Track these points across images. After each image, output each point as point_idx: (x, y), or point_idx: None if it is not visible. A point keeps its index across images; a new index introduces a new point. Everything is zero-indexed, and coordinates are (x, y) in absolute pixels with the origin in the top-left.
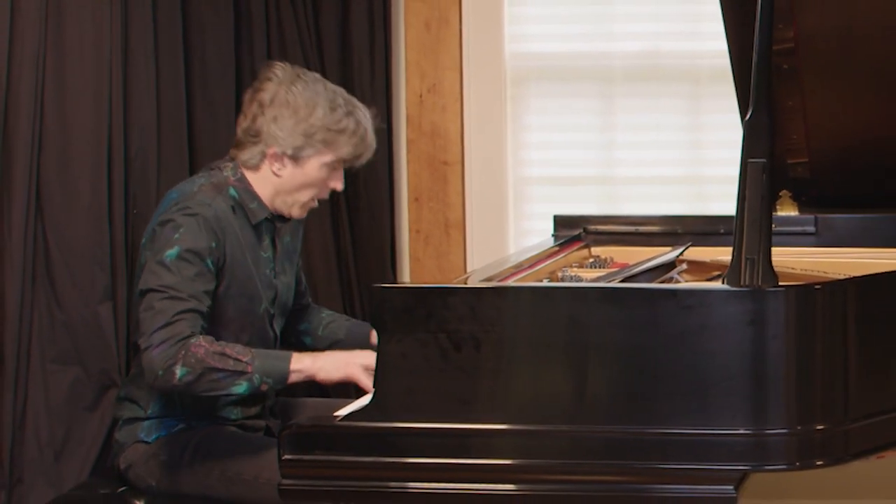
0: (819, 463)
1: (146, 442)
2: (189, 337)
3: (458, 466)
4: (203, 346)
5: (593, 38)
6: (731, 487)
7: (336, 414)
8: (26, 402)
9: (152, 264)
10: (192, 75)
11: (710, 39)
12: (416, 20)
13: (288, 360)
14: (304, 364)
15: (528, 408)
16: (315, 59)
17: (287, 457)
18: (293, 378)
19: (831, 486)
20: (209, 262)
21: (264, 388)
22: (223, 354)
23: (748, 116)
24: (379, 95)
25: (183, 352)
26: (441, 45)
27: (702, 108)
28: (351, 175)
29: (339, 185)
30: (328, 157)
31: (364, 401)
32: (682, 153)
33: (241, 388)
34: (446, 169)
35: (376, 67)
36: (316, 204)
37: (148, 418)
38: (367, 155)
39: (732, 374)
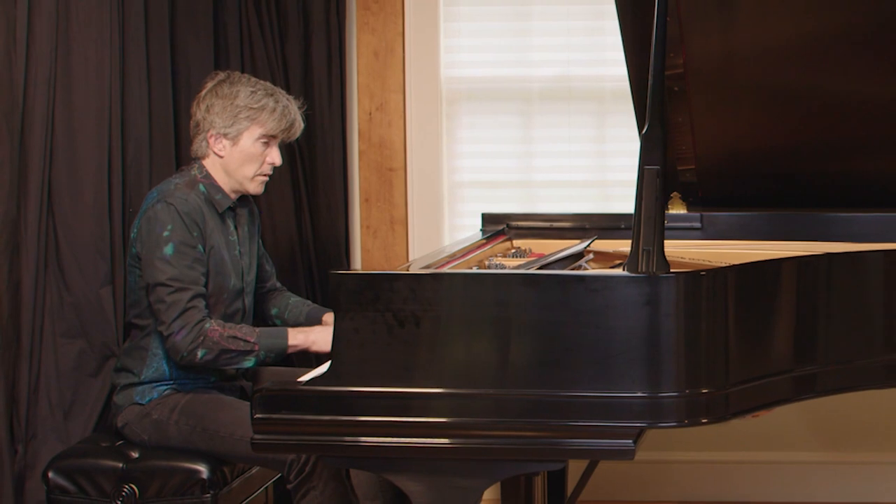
0: (704, 421)
1: (140, 404)
2: (203, 321)
3: (401, 424)
4: (217, 330)
5: (514, 65)
6: (631, 441)
7: (299, 380)
8: (40, 369)
9: (154, 260)
10: (179, 96)
11: (612, 66)
12: (366, 50)
13: (286, 338)
14: (298, 340)
15: (460, 374)
16: (282, 83)
17: (258, 416)
18: (290, 351)
19: (714, 440)
20: (200, 248)
21: (268, 360)
22: (234, 337)
23: (644, 130)
24: (335, 113)
25: (202, 337)
26: (387, 71)
27: (606, 123)
28: (311, 179)
29: (276, 159)
30: (257, 132)
31: (322, 369)
32: (590, 161)
33: (249, 363)
34: (392, 175)
35: (333, 89)
36: (265, 178)
37: (141, 383)
38: (295, 130)
39: (631, 347)
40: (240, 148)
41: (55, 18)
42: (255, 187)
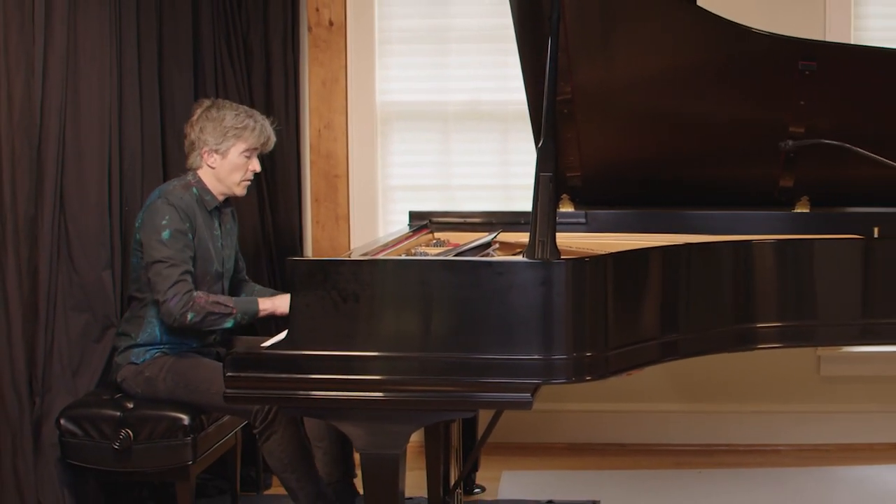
0: (588, 378)
1: (135, 363)
2: (191, 290)
3: (344, 380)
4: (202, 297)
5: (436, 92)
6: (529, 395)
7: (262, 345)
8: (53, 337)
9: (153, 243)
10: (165, 116)
11: (514, 92)
12: (316, 79)
13: (257, 303)
14: (266, 305)
15: (392, 340)
16: (248, 106)
17: (229, 374)
18: (261, 314)
19: (596, 393)
20: (190, 236)
21: (243, 322)
22: (217, 302)
23: (540, 144)
24: (291, 130)
25: (191, 303)
26: (333, 96)
27: (509, 138)
28: (272, 184)
29: (257, 167)
30: (242, 147)
31: (281, 336)
32: (496, 169)
33: (229, 323)
34: (336, 180)
35: (289, 111)
36: (248, 182)
37: (137, 345)
38: (270, 143)
39: (529, 318)
40: (228, 160)
41: (65, 54)
42: (241, 190)
